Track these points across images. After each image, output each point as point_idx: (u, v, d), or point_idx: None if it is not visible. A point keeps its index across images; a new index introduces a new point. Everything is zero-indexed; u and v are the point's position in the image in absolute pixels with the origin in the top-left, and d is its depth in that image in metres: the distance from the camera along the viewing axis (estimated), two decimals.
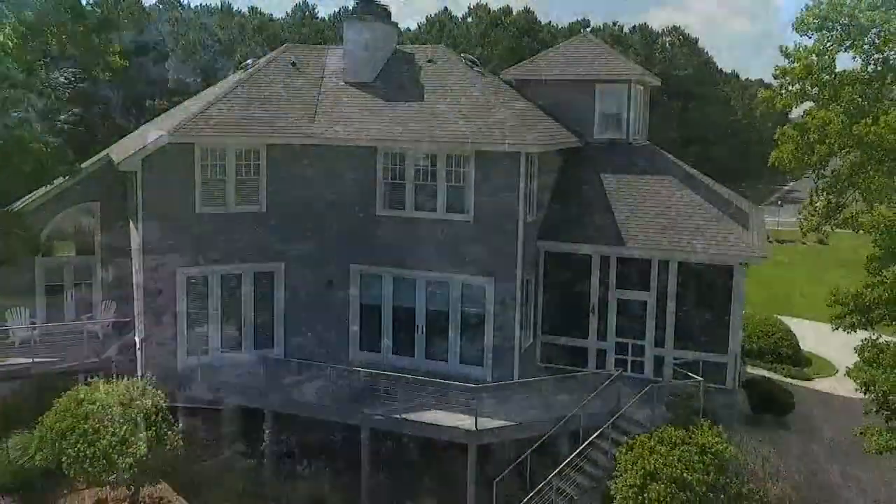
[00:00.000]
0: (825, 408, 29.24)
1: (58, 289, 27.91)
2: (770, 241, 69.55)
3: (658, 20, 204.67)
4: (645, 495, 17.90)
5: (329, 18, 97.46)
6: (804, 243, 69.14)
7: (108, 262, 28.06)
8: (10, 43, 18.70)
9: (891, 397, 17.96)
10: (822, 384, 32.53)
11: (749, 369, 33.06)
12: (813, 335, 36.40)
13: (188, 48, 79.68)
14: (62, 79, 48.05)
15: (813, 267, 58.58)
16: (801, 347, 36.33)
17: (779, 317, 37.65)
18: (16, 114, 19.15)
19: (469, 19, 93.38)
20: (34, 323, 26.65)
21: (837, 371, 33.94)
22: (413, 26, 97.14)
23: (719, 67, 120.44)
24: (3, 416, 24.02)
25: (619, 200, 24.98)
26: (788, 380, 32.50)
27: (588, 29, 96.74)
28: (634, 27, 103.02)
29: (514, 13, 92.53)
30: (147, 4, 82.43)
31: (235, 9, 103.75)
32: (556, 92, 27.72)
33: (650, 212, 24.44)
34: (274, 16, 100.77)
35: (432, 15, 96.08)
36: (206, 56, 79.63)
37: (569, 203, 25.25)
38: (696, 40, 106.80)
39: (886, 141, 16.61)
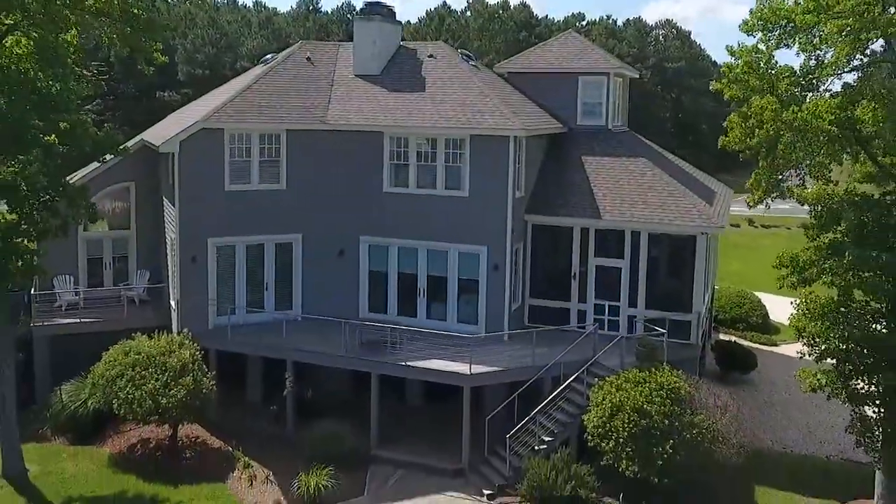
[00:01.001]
0: (785, 367, 32.43)
1: (97, 260, 31.19)
2: (755, 226, 73.28)
3: (656, 12, 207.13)
4: (612, 423, 21.19)
5: (332, 12, 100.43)
6: (788, 228, 72.38)
7: (141, 236, 31.34)
8: (74, 41, 22.02)
9: (817, 340, 21.25)
10: (786, 348, 35.73)
11: (722, 336, 36.44)
12: (786, 308, 39.54)
13: (196, 42, 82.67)
14: (85, 71, 51.05)
15: (793, 248, 61.62)
16: (772, 318, 39.65)
17: (756, 293, 40.84)
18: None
19: (468, 13, 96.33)
20: (78, 289, 29.93)
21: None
22: (413, 20, 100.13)
23: (713, 59, 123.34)
24: (55, 369, 27.38)
25: (598, 179, 28.18)
26: (756, 345, 35.82)
27: (583, 23, 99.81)
28: (628, 20, 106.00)
29: (512, 7, 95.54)
30: None
31: (241, 3, 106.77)
32: (543, 83, 31.00)
33: (625, 189, 27.66)
34: (278, 10, 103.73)
35: (432, 9, 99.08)
36: (213, 50, 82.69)
37: (553, 181, 28.46)
38: (689, 33, 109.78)
39: (811, 125, 19.81)
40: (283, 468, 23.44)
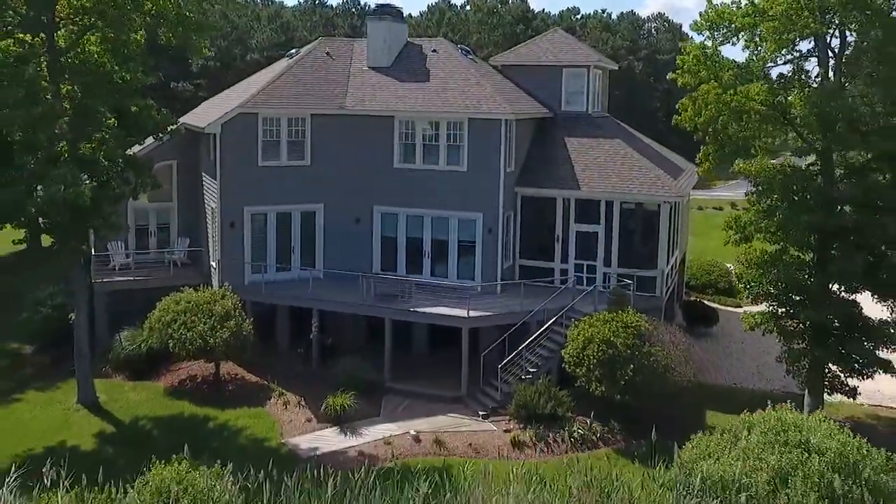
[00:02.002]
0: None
1: (143, 228, 35.72)
2: (737, 209, 77.70)
3: (657, 3, 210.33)
4: (584, 353, 25.75)
5: (337, 7, 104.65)
6: None
7: (181, 207, 35.86)
8: (141, 39, 26.54)
9: (752, 284, 25.84)
10: (747, 309, 40.26)
11: (692, 298, 40.97)
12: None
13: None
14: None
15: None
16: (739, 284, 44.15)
17: (728, 264, 45.25)
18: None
19: (468, 8, 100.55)
20: (128, 252, 34.47)
21: None
22: (415, 14, 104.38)
23: None
24: (110, 318, 31.94)
25: (578, 157, 32.71)
26: (721, 306, 40.37)
27: (578, 16, 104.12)
28: (622, 14, 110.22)
29: (510, 2, 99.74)
30: None
31: None
32: (532, 74, 35.54)
33: (601, 165, 32.18)
34: (285, 4, 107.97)
35: (433, 3, 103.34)
36: (224, 43, 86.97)
37: (540, 159, 33.00)
38: (680, 26, 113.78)
39: (745, 105, 24.35)
40: (311, 397, 27.84)
